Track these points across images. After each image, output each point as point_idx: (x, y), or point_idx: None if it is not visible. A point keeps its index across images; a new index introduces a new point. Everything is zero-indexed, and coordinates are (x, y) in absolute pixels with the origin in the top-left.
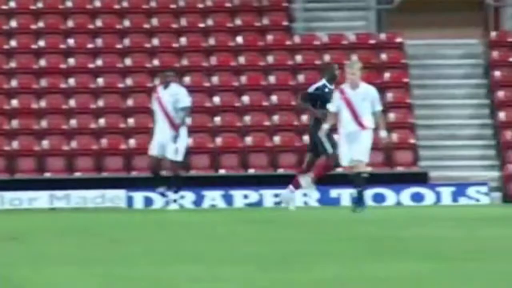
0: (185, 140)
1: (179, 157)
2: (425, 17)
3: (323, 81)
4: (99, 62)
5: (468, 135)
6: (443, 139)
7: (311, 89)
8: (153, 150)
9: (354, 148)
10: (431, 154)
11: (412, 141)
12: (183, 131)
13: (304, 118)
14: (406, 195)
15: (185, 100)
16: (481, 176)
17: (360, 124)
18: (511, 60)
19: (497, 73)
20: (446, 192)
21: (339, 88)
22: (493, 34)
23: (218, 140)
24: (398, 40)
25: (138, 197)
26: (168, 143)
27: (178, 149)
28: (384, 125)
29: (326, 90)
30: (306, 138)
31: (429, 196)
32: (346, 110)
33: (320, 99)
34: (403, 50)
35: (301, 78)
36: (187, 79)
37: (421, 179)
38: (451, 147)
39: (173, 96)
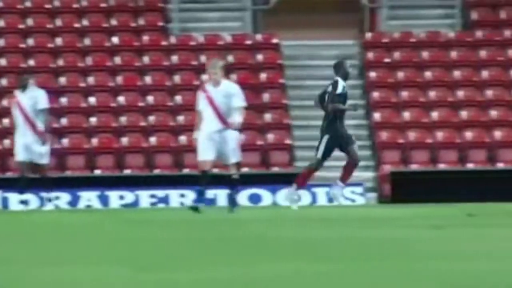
0: (48, 142)
1: (45, 160)
2: (301, 18)
3: (341, 80)
4: None
5: None
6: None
7: (339, 90)
8: (19, 155)
9: (223, 152)
10: (307, 154)
11: (288, 141)
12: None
13: (180, 118)
14: (282, 195)
15: (43, 102)
16: (356, 176)
17: (224, 122)
18: (386, 61)
19: (372, 74)
20: (322, 193)
21: (201, 87)
22: (368, 35)
23: (94, 141)
24: (274, 41)
25: (13, 198)
26: (32, 146)
27: (43, 152)
28: (241, 118)
29: (345, 90)
30: (182, 138)
31: (305, 197)
32: (209, 108)
33: (344, 98)
34: (279, 51)
35: (177, 78)
36: (62, 80)
37: None
38: None
39: (32, 99)
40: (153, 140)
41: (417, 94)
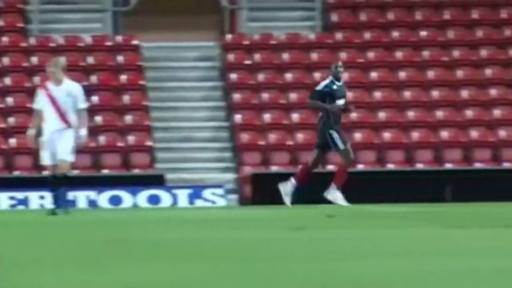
0: None
1: None
2: (161, 20)
3: (331, 78)
4: None
5: (204, 137)
6: (180, 142)
7: (320, 86)
8: None
9: (58, 147)
10: (168, 156)
11: (148, 143)
12: None
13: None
14: (142, 197)
15: None
16: (217, 178)
17: (65, 121)
18: (246, 63)
19: (233, 76)
20: (183, 195)
21: (43, 85)
22: (228, 37)
23: None
24: (134, 42)
25: None
26: None
27: None
28: (85, 124)
29: (334, 87)
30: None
31: (165, 199)
32: (51, 107)
33: (329, 96)
34: (139, 53)
35: (36, 79)
36: None
37: (157, 181)
38: (187, 149)
39: None
40: (13, 141)
41: (277, 96)
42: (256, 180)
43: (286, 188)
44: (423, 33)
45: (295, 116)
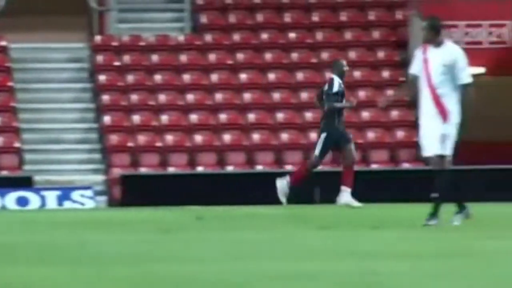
0: None
1: None
2: (30, 21)
3: (337, 79)
4: None
5: (73, 139)
6: (48, 143)
7: (335, 88)
8: None
9: None
10: (36, 158)
11: (16, 145)
12: None
13: None
14: (11, 199)
15: None
16: (86, 180)
17: None
18: (115, 64)
19: (102, 77)
20: (51, 196)
21: None
22: (97, 38)
23: None
24: (2, 43)
25: None
26: None
27: None
28: None
29: (342, 87)
30: None
31: (34, 200)
32: None
33: (340, 97)
34: (7, 54)
35: None
36: None
37: (25, 183)
38: (56, 151)
39: None
40: None
41: (147, 98)
42: (125, 181)
43: (348, 200)
44: (292, 35)
45: (164, 118)
